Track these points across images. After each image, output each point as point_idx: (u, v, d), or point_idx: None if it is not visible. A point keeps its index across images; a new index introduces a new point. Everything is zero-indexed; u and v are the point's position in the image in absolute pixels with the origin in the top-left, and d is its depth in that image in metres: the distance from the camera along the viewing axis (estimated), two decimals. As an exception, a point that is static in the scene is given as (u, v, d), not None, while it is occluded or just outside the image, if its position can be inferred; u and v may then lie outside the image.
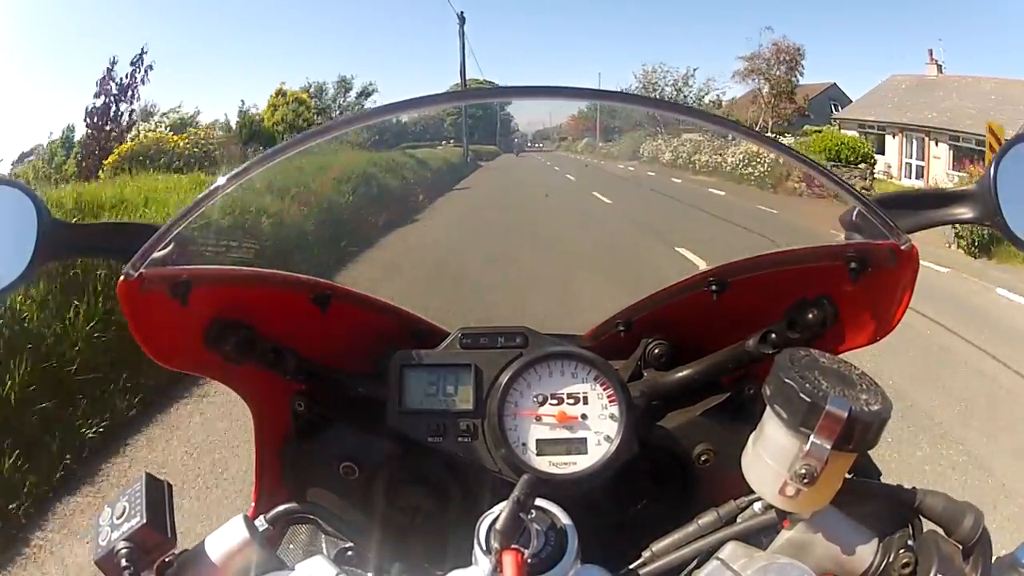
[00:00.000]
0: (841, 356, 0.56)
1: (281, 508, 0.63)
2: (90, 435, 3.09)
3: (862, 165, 14.14)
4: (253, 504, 0.76)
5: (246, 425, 0.78)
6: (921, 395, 3.59)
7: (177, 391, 3.61)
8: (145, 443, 3.21)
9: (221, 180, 0.60)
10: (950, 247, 8.17)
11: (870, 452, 0.55)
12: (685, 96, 21.18)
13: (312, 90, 18.35)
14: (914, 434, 3.14)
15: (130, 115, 14.12)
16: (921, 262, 0.62)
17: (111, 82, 13.88)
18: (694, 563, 0.57)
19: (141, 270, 0.61)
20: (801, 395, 0.49)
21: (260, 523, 0.60)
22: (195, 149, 12.54)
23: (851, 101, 18.50)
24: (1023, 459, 2.91)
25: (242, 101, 17.50)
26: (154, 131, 13.69)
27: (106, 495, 2.74)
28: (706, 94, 21.21)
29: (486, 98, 0.75)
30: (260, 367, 0.71)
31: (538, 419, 0.68)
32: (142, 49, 13.93)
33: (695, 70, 21.59)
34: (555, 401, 0.68)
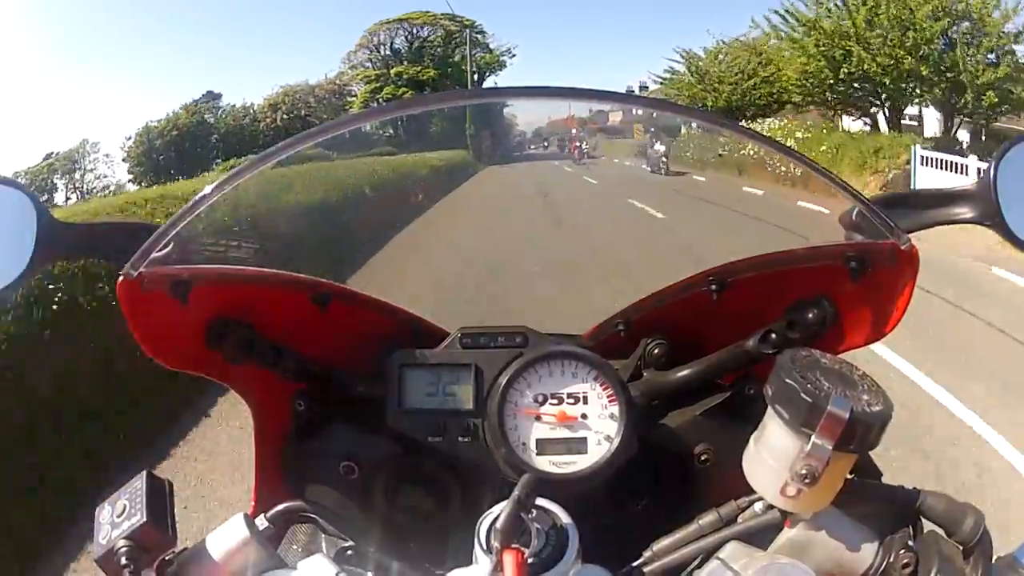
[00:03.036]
0: (841, 356, 0.56)
1: (281, 507, 0.63)
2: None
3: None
4: (253, 503, 0.76)
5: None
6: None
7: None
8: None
9: (212, 185, 0.60)
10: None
11: (871, 453, 0.55)
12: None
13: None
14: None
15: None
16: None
17: None
18: (695, 563, 0.57)
19: (141, 269, 0.61)
20: (803, 395, 0.49)
21: (260, 522, 0.60)
22: None
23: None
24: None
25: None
26: None
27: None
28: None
29: (487, 98, 0.74)
30: (260, 366, 0.71)
31: (538, 418, 0.68)
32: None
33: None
34: (555, 401, 0.68)
